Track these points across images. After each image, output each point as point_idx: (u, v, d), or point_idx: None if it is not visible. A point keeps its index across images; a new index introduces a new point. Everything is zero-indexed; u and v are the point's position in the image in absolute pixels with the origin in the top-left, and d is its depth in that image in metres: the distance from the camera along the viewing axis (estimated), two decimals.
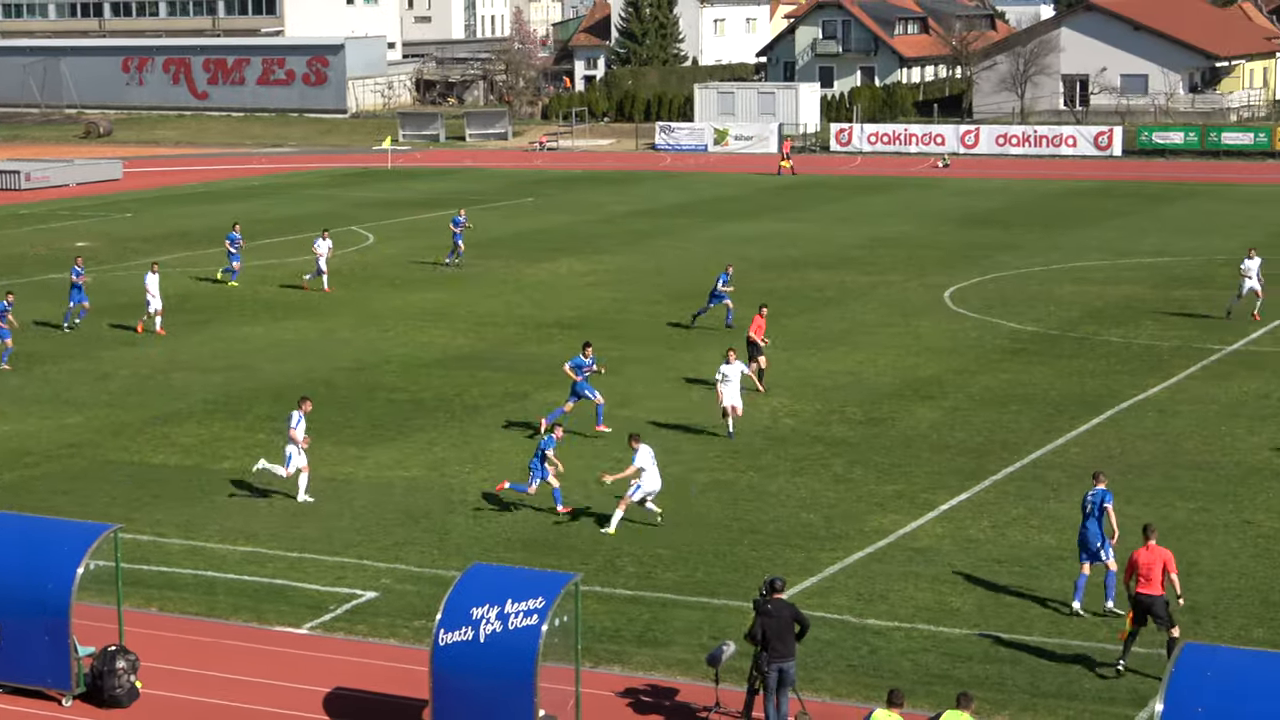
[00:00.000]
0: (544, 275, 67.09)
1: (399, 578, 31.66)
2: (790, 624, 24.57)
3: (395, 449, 40.74)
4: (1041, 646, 27.86)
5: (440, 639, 23.83)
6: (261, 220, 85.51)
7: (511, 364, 49.97)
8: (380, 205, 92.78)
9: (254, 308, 60.25)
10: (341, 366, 50.30)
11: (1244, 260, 56.29)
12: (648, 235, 78.58)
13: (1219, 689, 20.27)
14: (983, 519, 34.70)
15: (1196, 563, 31.72)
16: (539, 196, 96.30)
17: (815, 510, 35.43)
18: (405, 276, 66.86)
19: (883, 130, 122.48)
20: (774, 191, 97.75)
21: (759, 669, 24.55)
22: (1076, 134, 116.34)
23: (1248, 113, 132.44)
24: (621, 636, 28.55)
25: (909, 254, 71.12)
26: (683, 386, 47.01)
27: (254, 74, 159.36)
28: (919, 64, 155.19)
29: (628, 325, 56.16)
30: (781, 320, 55.99)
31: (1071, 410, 43.63)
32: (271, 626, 29.37)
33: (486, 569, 25.55)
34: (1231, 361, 49.30)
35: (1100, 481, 29.80)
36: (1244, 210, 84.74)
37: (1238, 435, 40.92)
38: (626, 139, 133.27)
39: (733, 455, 39.61)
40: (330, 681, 26.81)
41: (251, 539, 34.05)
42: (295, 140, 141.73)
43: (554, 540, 33.66)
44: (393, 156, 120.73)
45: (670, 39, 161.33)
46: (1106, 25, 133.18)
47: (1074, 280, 63.83)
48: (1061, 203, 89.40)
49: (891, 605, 29.82)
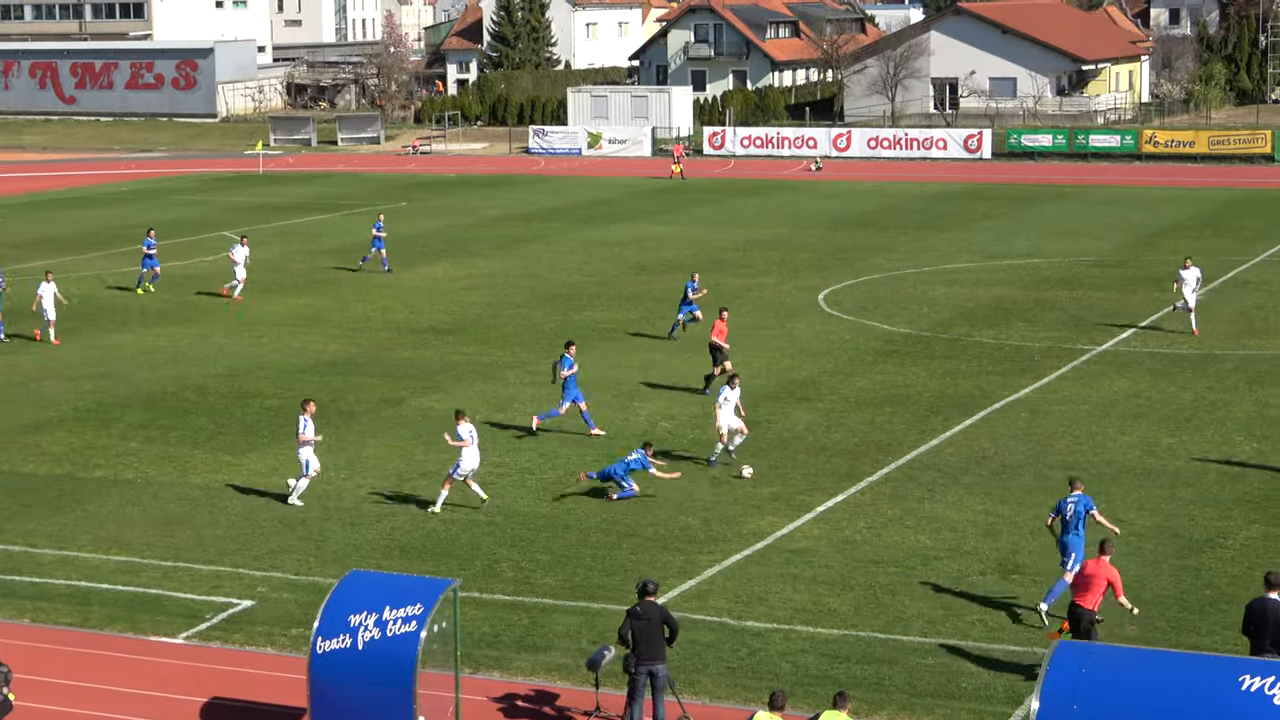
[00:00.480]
0: (418, 280, 66.85)
1: (275, 586, 31.45)
2: (660, 627, 24.61)
3: (270, 456, 40.45)
4: (919, 646, 28.08)
5: (318, 647, 23.69)
6: (132, 226, 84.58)
7: (386, 369, 49.77)
8: (252, 210, 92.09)
9: (125, 314, 59.63)
10: (215, 373, 49.89)
11: (1180, 270, 54.11)
12: (522, 239, 78.50)
13: (1093, 686, 20.48)
14: (859, 520, 34.92)
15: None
16: (412, 201, 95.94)
17: (693, 513, 35.52)
18: (278, 282, 66.41)
19: (755, 133, 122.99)
20: (648, 195, 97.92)
21: (627, 671, 24.62)
22: (946, 137, 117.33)
23: (1114, 115, 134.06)
24: (501, 642, 28.50)
25: (783, 256, 71.47)
26: (557, 390, 46.89)
27: (122, 78, 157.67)
28: (790, 68, 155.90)
29: (501, 330, 56.08)
30: (656, 323, 56.13)
31: (945, 411, 44.01)
32: (147, 636, 29.09)
33: (364, 576, 25.43)
34: (1101, 362, 49.90)
35: (1077, 488, 29.79)
36: (1111, 212, 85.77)
37: (1108, 435, 41.42)
38: (500, 143, 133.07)
39: (609, 459, 39.58)
40: (207, 691, 26.60)
41: (125, 548, 33.70)
42: (165, 145, 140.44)
43: (432, 546, 33.56)
44: (264, 161, 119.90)
45: (543, 42, 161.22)
46: (975, 29, 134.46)
47: (946, 282, 64.38)
48: (933, 205, 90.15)
49: (770, 607, 29.95)
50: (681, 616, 28.83)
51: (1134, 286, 62.35)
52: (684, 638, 27.78)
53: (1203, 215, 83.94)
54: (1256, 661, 20.84)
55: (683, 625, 28.19)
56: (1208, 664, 21.35)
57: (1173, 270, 57.35)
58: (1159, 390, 46.07)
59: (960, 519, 34.85)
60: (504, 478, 38.23)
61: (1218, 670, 20.60)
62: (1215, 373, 48.13)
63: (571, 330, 55.22)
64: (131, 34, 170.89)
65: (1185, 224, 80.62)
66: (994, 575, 31.42)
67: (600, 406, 44.49)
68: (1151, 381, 47.08)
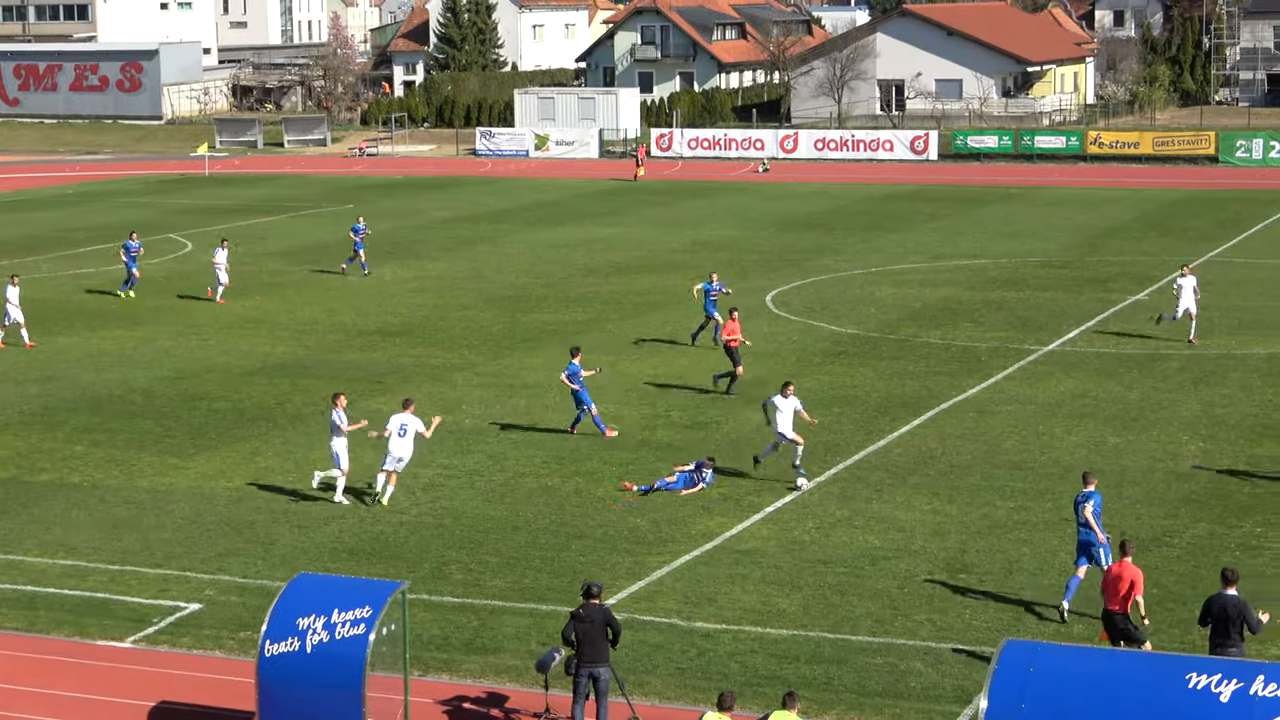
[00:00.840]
0: (365, 282, 66.69)
1: (223, 589, 31.33)
2: (603, 629, 24.56)
3: (217, 459, 40.30)
4: (867, 646, 28.14)
5: (266, 650, 23.60)
6: (77, 229, 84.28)
7: (334, 372, 49.63)
8: (198, 212, 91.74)
9: (70, 317, 59.34)
10: (161, 376, 49.69)
11: (1177, 278, 53.05)
12: (469, 241, 78.39)
13: (1041, 685, 20.56)
14: (807, 520, 34.98)
15: (1018, 560, 32.22)
16: (359, 203, 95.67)
17: (642, 514, 35.52)
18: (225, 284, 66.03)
19: (703, 135, 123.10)
20: (596, 197, 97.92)
21: (569, 673, 24.63)
22: (893, 138, 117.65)
23: (1059, 116, 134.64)
24: (450, 644, 28.46)
25: (731, 258, 71.53)
26: (505, 392, 46.96)
27: (66, 80, 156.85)
28: (737, 69, 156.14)
29: (449, 332, 55.99)
30: (605, 325, 56.15)
31: (893, 411, 44.13)
32: (94, 641, 28.94)
33: (312, 579, 25.34)
34: (1047, 362, 50.09)
35: (1089, 483, 29.58)
36: (1057, 212, 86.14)
37: (1055, 434, 41.58)
38: (447, 144, 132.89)
39: (558, 461, 39.63)
40: (156, 695, 26.47)
41: (72, 552, 33.53)
42: (110, 147, 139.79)
43: (380, 549, 33.49)
44: (210, 163, 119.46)
45: (489, 44, 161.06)
46: (920, 31, 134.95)
47: (893, 283, 64.56)
48: (880, 206, 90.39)
49: (719, 608, 29.97)
50: (630, 618, 28.88)
51: (1080, 287, 62.63)
52: (633, 639, 27.82)
53: (1147, 216, 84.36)
54: (1203, 659, 20.95)
55: (632, 626, 28.26)
56: (1155, 662, 21.46)
57: (1117, 271, 57.62)
58: (1105, 390, 46.28)
59: (908, 519, 34.95)
60: (452, 479, 38.19)
61: (1165, 668, 20.70)
62: (1161, 372, 48.38)
63: (520, 332, 55.23)
64: (76, 35, 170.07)
65: (1130, 225, 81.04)
66: (942, 575, 31.51)
67: (547, 409, 44.50)
68: (1098, 381, 47.30)
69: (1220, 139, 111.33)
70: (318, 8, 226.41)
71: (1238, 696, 19.92)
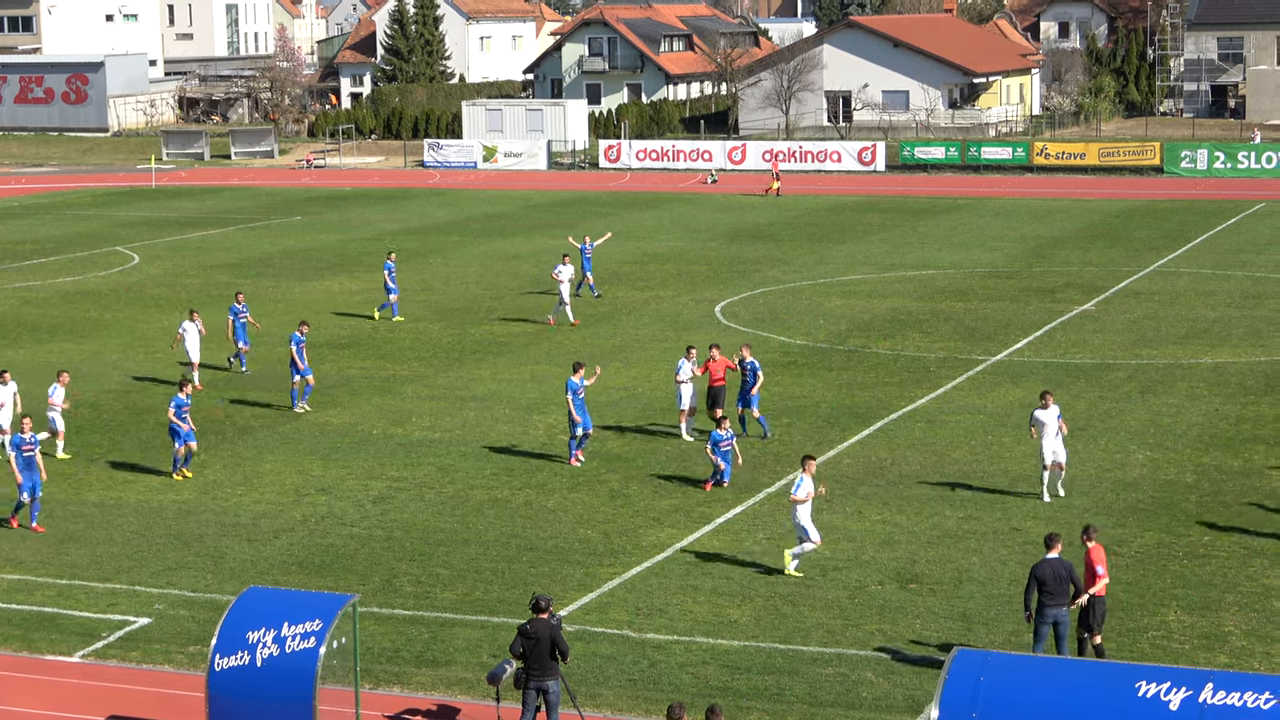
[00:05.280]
0: (314, 294, 66.53)
1: (172, 603, 31.21)
2: (549, 646, 24.51)
3: (166, 472, 40.12)
4: (818, 656, 28.19)
5: (216, 664, 23.54)
6: (23, 242, 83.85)
7: (283, 384, 49.43)
8: (145, 225, 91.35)
9: (17, 330, 59.04)
10: (109, 389, 49.48)
11: (1035, 410, 37.88)
12: (418, 253, 78.24)
13: (992, 694, 20.67)
14: (758, 531, 35.04)
15: (967, 570, 32.34)
16: (307, 215, 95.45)
17: (593, 526, 35.54)
18: (172, 297, 65.86)
19: (651, 146, 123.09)
20: (544, 208, 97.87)
21: (518, 686, 24.60)
22: (841, 149, 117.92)
23: (1006, 128, 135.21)
24: (401, 657, 28.41)
25: (679, 269, 71.62)
26: (455, 404, 46.91)
27: (11, 92, 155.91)
28: (685, 81, 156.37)
29: (398, 344, 55.90)
30: (554, 337, 56.13)
31: (842, 422, 44.24)
32: (43, 655, 28.80)
33: (262, 592, 25.28)
34: (995, 372, 50.29)
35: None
36: (1004, 223, 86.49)
37: (1004, 444, 41.74)
38: (395, 156, 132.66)
39: (508, 473, 39.61)
40: (104, 710, 26.36)
41: (19, 566, 33.35)
42: (56, 160, 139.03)
43: (330, 562, 33.41)
44: (157, 175, 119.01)
45: (437, 56, 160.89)
46: (867, 42, 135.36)
47: (842, 294, 64.72)
48: (828, 217, 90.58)
49: (670, 619, 30.00)
50: (582, 629, 28.91)
51: (1027, 297, 62.90)
52: (584, 650, 27.84)
53: (1094, 226, 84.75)
54: (1153, 668, 21.08)
55: (583, 638, 28.30)
56: (1105, 670, 21.56)
57: (1064, 281, 57.74)
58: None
59: (858, 529, 35.05)
60: (402, 492, 38.14)
61: (1115, 677, 20.83)
62: (1108, 382, 48.61)
63: (470, 344, 55.17)
64: (20, 47, 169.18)
65: (1076, 235, 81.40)
66: (892, 585, 31.61)
67: (497, 421, 44.48)
68: None
69: (1165, 150, 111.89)
70: (264, 20, 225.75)
71: (1187, 704, 20.07)
